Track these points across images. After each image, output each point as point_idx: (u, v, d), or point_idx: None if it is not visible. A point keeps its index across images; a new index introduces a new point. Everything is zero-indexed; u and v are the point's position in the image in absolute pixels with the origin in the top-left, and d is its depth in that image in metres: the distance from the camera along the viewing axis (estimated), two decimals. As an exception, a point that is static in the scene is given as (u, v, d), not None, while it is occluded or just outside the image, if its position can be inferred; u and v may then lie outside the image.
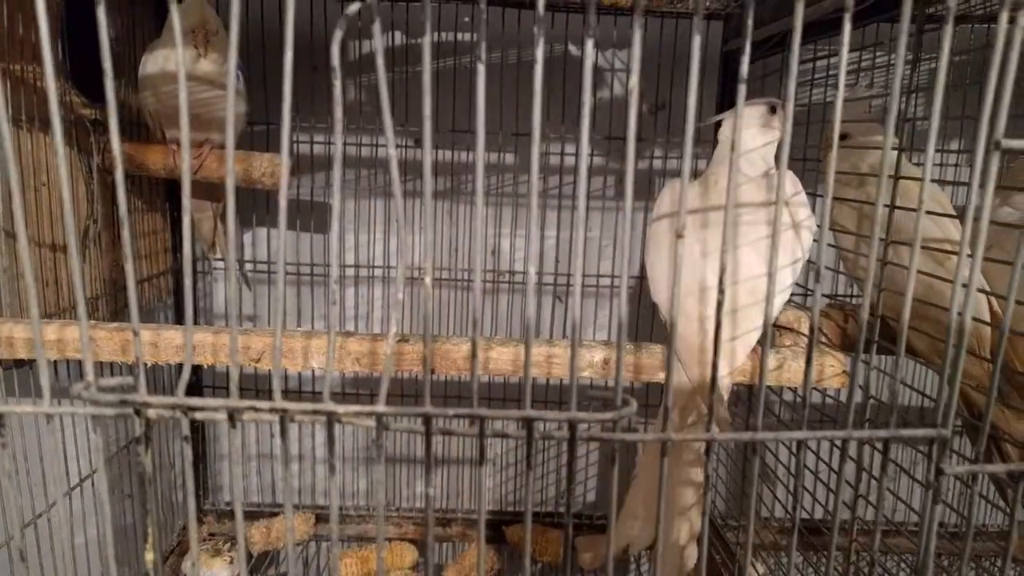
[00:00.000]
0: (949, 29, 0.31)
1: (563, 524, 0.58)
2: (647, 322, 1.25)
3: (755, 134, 0.74)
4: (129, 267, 0.34)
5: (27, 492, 0.82)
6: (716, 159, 0.77)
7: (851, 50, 1.07)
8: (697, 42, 0.31)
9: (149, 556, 0.36)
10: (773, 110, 0.75)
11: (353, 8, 0.33)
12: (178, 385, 0.36)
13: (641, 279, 1.24)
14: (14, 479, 0.39)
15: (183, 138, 0.34)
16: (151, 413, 0.35)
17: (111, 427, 1.10)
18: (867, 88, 0.87)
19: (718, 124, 0.79)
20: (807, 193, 0.74)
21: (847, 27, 0.32)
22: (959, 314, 0.35)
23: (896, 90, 0.32)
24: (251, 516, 1.23)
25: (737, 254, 0.69)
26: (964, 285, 0.35)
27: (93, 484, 0.95)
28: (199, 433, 1.27)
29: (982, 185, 0.35)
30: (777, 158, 0.75)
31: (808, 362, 0.34)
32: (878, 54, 1.01)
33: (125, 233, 0.33)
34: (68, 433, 0.92)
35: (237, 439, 0.36)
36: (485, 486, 0.44)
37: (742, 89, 0.32)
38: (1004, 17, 0.32)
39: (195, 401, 0.34)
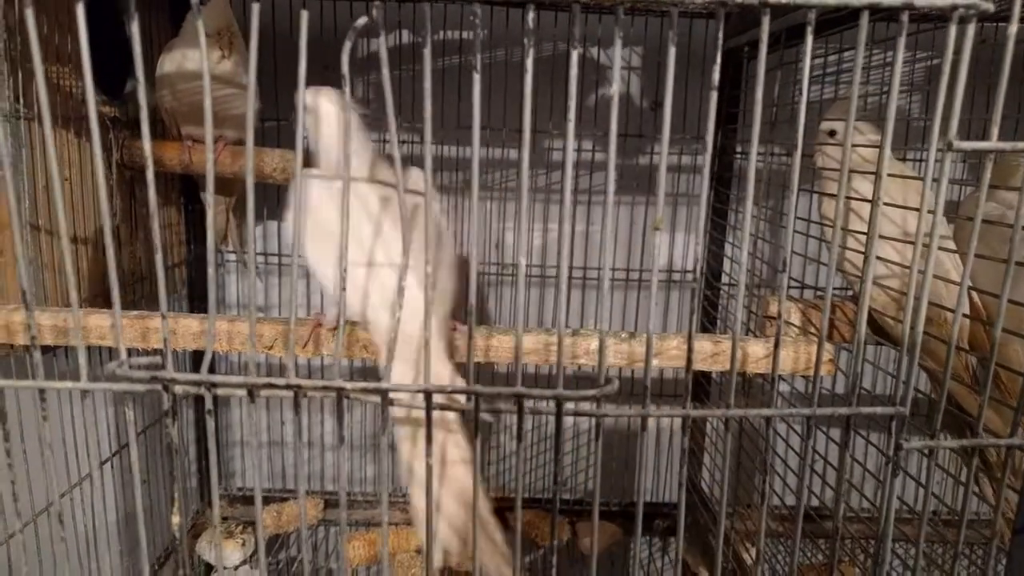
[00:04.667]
0: (902, 40, 0.34)
1: (562, 508, 0.61)
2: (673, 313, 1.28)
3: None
4: (158, 258, 0.37)
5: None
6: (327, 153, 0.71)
7: (850, 48, 1.09)
8: (672, 53, 0.34)
9: (175, 519, 0.39)
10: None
11: (361, 22, 0.36)
12: (201, 366, 0.39)
13: (641, 271, 1.27)
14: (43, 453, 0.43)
15: (207, 136, 0.37)
16: (178, 389, 0.38)
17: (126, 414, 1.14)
18: (862, 86, 0.90)
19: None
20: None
21: (809, 39, 0.35)
22: (916, 299, 0.38)
23: (854, 94, 0.36)
24: (266, 501, 1.27)
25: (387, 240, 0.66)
26: (921, 272, 0.38)
27: (112, 465, 0.99)
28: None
29: (936, 180, 0.38)
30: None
31: (776, 345, 0.38)
32: (875, 52, 1.04)
33: (155, 226, 0.37)
34: (87, 420, 0.95)
35: (252, 416, 0.40)
36: (478, 456, 0.48)
37: (713, 96, 0.35)
38: (953, 22, 0.35)
39: (218, 378, 0.38)
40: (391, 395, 0.38)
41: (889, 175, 0.73)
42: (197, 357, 1.12)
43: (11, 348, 0.77)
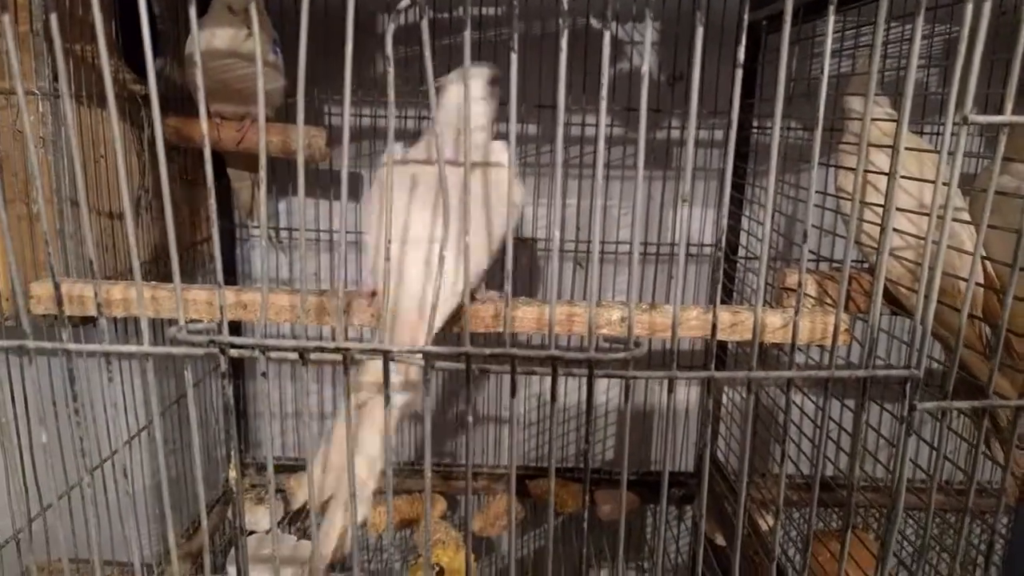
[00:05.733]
0: (919, 21, 0.36)
1: (581, 477, 0.63)
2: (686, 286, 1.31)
3: (478, 103, 0.70)
4: (215, 232, 0.40)
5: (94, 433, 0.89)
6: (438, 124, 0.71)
7: (868, 23, 1.10)
8: (700, 34, 0.36)
9: (232, 474, 0.42)
10: (495, 81, 0.72)
11: (404, 4, 0.38)
12: (255, 331, 0.42)
13: (659, 244, 1.29)
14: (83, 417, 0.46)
15: (259, 115, 0.39)
16: (233, 352, 0.41)
17: (156, 388, 1.18)
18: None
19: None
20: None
21: (831, 17, 0.36)
22: (931, 268, 0.40)
23: (873, 72, 0.37)
24: (291, 470, 1.30)
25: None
26: (935, 242, 0.40)
27: (148, 433, 1.03)
28: (239, 390, 1.35)
29: (952, 154, 0.39)
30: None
31: (796, 312, 0.40)
32: (893, 26, 1.04)
33: (211, 202, 0.39)
34: (117, 390, 0.99)
35: (303, 380, 0.43)
36: (515, 415, 0.51)
37: (739, 74, 0.37)
38: (970, 1, 0.37)
39: (271, 342, 0.41)
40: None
41: (905, 148, 0.74)
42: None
43: (55, 318, 0.80)
